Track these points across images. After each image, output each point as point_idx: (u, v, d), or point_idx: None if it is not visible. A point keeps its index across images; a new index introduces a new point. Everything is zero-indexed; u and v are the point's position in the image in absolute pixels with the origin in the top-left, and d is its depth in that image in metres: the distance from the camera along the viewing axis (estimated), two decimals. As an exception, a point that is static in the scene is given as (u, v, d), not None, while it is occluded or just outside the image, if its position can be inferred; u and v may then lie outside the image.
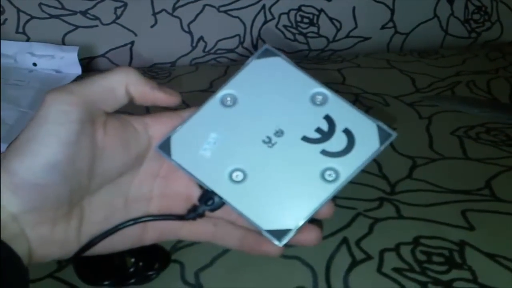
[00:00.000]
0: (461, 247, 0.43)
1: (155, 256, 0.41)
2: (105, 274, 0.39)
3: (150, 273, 0.41)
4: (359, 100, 0.71)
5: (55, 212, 0.30)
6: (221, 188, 0.33)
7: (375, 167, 0.55)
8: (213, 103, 0.35)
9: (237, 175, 0.33)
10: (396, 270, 0.41)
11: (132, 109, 0.35)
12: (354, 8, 0.88)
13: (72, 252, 0.32)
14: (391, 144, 0.59)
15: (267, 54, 0.35)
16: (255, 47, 0.88)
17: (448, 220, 0.46)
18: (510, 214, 0.47)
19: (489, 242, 0.43)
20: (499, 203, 0.48)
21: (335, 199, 0.45)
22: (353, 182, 0.51)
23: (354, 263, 0.41)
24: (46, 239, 0.30)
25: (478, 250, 0.43)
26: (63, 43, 0.84)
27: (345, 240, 0.44)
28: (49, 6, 0.83)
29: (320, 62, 0.86)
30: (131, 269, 0.40)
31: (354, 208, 0.48)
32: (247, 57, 0.87)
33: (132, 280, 0.40)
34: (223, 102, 0.34)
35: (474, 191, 0.50)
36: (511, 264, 0.41)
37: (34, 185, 0.29)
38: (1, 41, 0.81)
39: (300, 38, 0.89)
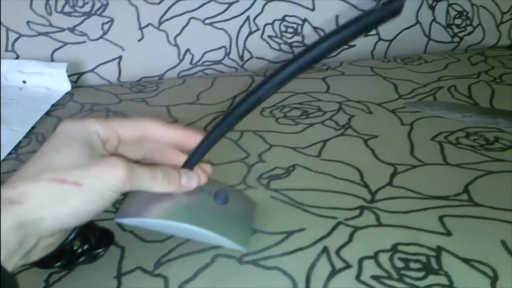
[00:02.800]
0: (438, 252, 0.44)
1: (99, 235, 0.45)
2: (55, 257, 0.41)
3: (98, 251, 0.44)
4: (342, 108, 0.72)
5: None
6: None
7: (356, 176, 0.56)
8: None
9: None
10: (375, 277, 0.42)
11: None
12: (337, 17, 0.89)
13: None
14: (373, 152, 0.60)
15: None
16: (242, 57, 0.89)
17: (426, 226, 0.47)
18: (486, 219, 0.48)
19: (465, 247, 0.45)
20: (476, 208, 0.50)
21: (318, 208, 0.47)
22: (335, 191, 0.53)
23: (334, 272, 0.43)
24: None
25: (454, 256, 0.44)
26: (52, 60, 0.85)
27: (325, 249, 0.45)
28: (37, 24, 0.84)
29: (306, 71, 0.87)
30: (79, 250, 0.43)
31: (335, 218, 0.49)
32: (234, 68, 0.89)
33: (82, 259, 0.43)
34: None
35: (452, 196, 0.52)
36: (486, 268, 0.42)
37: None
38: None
39: (285, 47, 0.90)
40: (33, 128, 0.71)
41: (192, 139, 0.43)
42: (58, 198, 0.35)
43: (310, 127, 0.68)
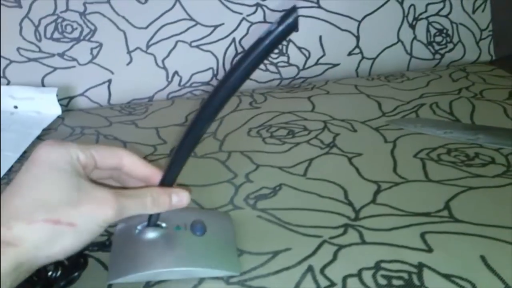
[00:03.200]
0: (420, 269, 0.45)
1: (73, 258, 0.45)
2: (30, 283, 0.41)
3: (73, 275, 0.45)
4: (327, 127, 0.74)
5: None
6: None
7: (341, 194, 0.57)
8: None
9: None
10: (358, 295, 0.43)
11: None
12: (320, 37, 0.92)
13: None
14: (357, 170, 0.62)
15: None
16: (229, 78, 0.91)
17: (408, 243, 0.49)
18: (466, 234, 0.50)
19: (446, 263, 0.46)
20: (457, 224, 0.51)
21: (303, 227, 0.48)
22: (320, 210, 0.55)
23: (319, 291, 0.44)
24: None
25: (435, 272, 0.45)
26: (43, 85, 0.86)
27: (310, 269, 0.46)
28: (27, 50, 0.85)
29: (292, 90, 0.89)
30: (53, 275, 0.44)
31: (319, 236, 0.50)
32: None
33: (61, 284, 0.44)
34: None
35: (433, 213, 0.53)
36: (467, 283, 0.44)
37: None
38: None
39: (272, 68, 0.92)
40: (24, 152, 0.72)
41: (158, 178, 0.44)
42: (52, 238, 0.36)
43: (296, 146, 0.69)
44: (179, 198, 0.44)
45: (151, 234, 0.46)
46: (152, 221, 0.46)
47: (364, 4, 0.93)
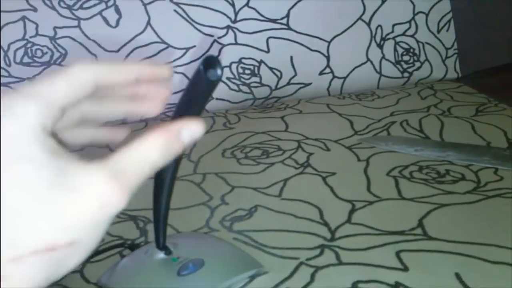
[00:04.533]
0: (396, 288, 0.46)
1: None
2: None
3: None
4: (301, 146, 0.74)
5: None
6: None
7: (316, 214, 0.58)
8: None
9: None
10: (337, 316, 0.44)
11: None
12: (291, 58, 0.93)
13: None
14: (332, 189, 0.62)
15: None
16: (202, 99, 0.91)
17: (384, 263, 0.49)
18: (440, 252, 0.50)
19: (422, 281, 0.47)
20: (430, 242, 0.52)
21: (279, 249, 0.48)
22: (296, 231, 0.55)
23: (297, 314, 0.44)
24: None
25: (411, 290, 0.46)
26: (11, 109, 0.85)
27: (288, 291, 0.46)
28: (-5, 75, 0.84)
29: (265, 110, 0.90)
30: None
31: (296, 258, 0.50)
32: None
33: None
34: None
35: (407, 231, 0.54)
36: (442, 300, 0.44)
37: None
38: None
39: (244, 88, 0.92)
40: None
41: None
42: (52, 271, 0.25)
43: (270, 167, 0.69)
44: (191, 133, 0.29)
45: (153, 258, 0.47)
46: (160, 242, 0.46)
47: (333, 25, 0.94)
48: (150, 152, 0.26)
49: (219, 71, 0.31)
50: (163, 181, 0.42)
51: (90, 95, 0.28)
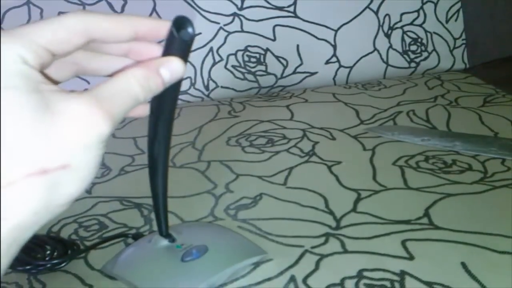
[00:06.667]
0: (402, 277, 0.46)
1: (64, 245, 0.48)
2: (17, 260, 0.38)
3: (61, 263, 0.47)
4: (306, 135, 0.74)
5: None
6: None
7: (321, 203, 0.57)
8: None
9: None
10: (342, 304, 0.43)
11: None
12: (298, 46, 0.92)
13: None
14: (337, 178, 0.62)
15: None
16: (207, 87, 0.90)
17: (389, 251, 0.49)
18: (446, 241, 0.50)
19: (428, 270, 0.46)
20: (436, 231, 0.52)
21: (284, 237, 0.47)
22: (301, 220, 0.54)
23: (302, 301, 0.44)
24: None
25: (417, 279, 0.45)
26: None
27: (292, 279, 0.46)
28: None
29: (270, 99, 0.89)
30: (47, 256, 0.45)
31: (301, 246, 0.50)
32: (200, 98, 0.90)
33: (41, 268, 0.45)
34: None
35: (413, 220, 0.53)
36: (448, 290, 0.44)
37: None
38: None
39: (250, 76, 0.92)
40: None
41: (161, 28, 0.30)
42: (49, 194, 0.25)
43: (275, 155, 0.69)
44: (170, 70, 0.30)
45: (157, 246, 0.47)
46: (163, 230, 0.46)
47: (340, 14, 0.94)
48: (130, 84, 0.28)
49: (190, 30, 0.30)
50: (156, 161, 0.41)
51: (83, 46, 0.28)
